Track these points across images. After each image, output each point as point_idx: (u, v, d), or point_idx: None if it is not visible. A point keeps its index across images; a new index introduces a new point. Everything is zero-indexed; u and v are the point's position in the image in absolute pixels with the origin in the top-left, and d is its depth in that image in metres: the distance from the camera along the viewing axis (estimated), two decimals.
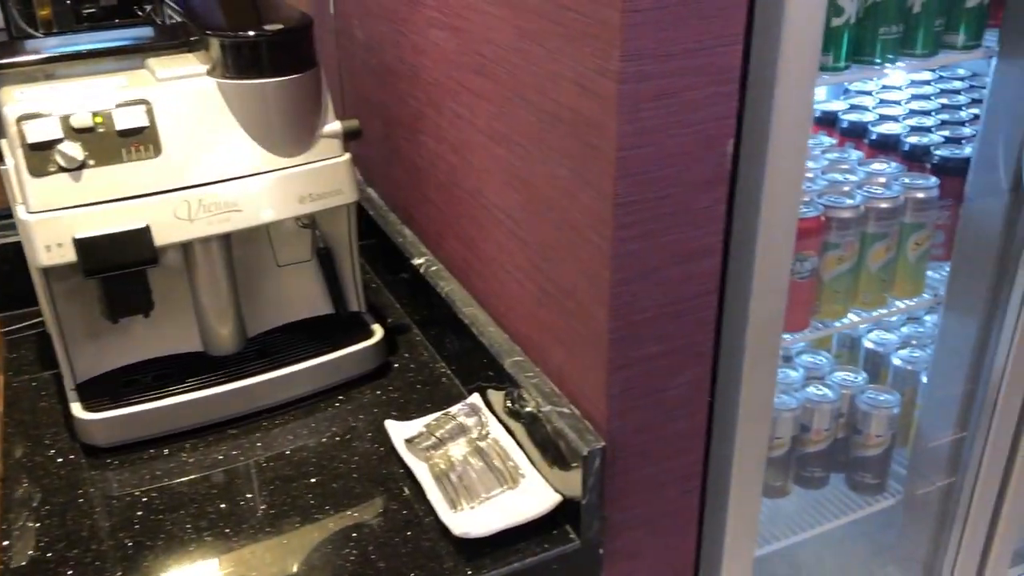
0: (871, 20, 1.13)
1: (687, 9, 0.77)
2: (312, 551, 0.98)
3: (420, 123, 1.26)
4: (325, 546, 0.99)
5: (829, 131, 1.61)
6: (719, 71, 0.82)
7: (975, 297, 1.30)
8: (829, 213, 1.26)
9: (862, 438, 1.51)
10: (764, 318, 1.04)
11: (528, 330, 1.08)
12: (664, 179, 0.84)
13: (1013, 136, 1.20)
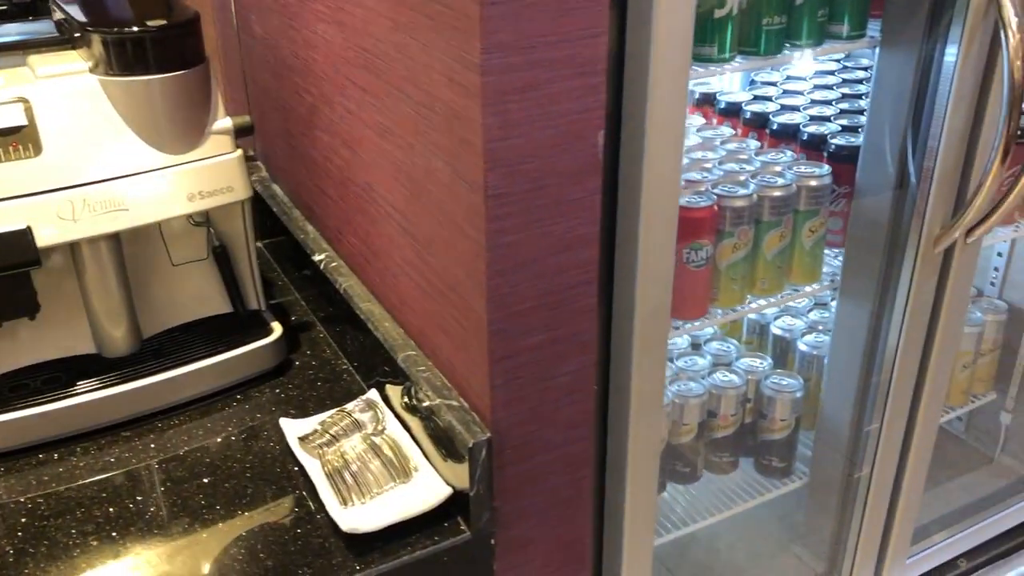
0: (754, 11, 1.14)
1: (548, 2, 0.78)
2: (199, 551, 0.97)
3: (315, 118, 1.25)
4: (213, 546, 0.98)
5: (734, 122, 1.64)
6: (585, 63, 0.83)
7: (868, 283, 1.34)
8: (723, 203, 1.28)
9: (767, 422, 1.53)
10: (651, 307, 1.05)
11: (420, 324, 1.08)
12: (536, 170, 0.85)
13: (897, 125, 1.23)
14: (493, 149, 0.81)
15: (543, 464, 1.01)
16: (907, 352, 1.32)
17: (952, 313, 1.32)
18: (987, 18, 1.11)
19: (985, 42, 1.12)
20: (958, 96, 1.15)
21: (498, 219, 0.85)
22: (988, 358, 1.72)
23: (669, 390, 1.49)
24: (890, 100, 1.23)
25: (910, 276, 1.26)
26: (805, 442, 1.59)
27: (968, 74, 1.14)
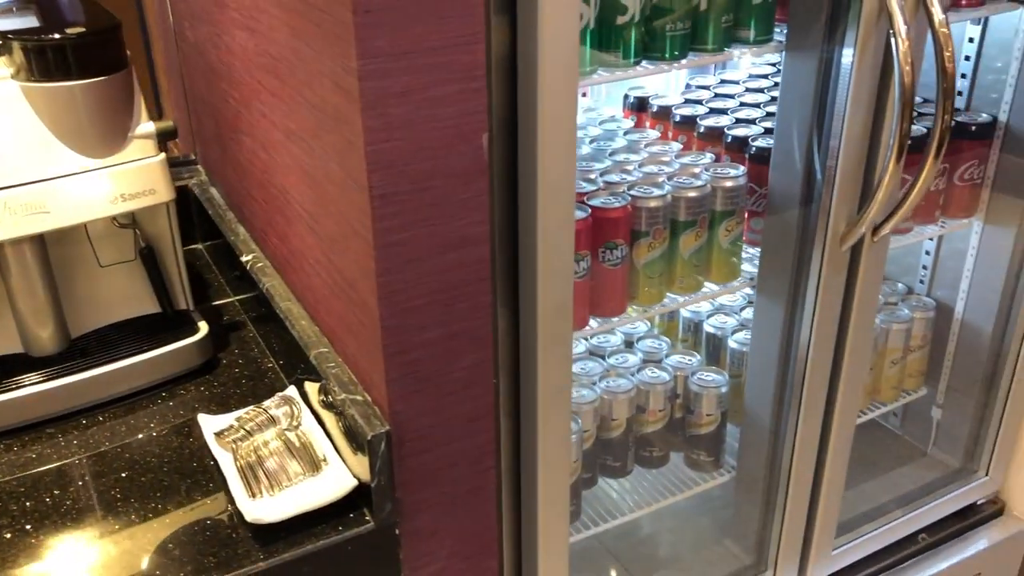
0: (658, 17, 1.18)
1: (422, 10, 0.81)
2: (110, 542, 1.00)
3: (239, 122, 1.28)
4: (124, 537, 1.01)
5: (666, 125, 1.68)
6: (464, 68, 0.86)
7: (781, 280, 1.37)
8: (637, 203, 1.32)
9: (695, 417, 1.57)
10: (553, 303, 1.09)
11: (331, 322, 1.11)
12: (422, 172, 0.88)
13: (803, 126, 1.27)
14: (375, 151, 0.85)
15: (445, 456, 1.05)
16: (819, 348, 1.36)
17: (863, 310, 1.36)
18: (879, 25, 1.15)
19: (880, 47, 1.16)
20: (856, 98, 1.18)
21: (385, 218, 0.88)
22: (918, 354, 1.76)
23: (598, 386, 1.52)
24: (796, 102, 1.27)
25: (818, 273, 1.30)
26: (734, 436, 1.63)
27: (864, 77, 1.17)
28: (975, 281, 1.67)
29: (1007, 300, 1.63)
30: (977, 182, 1.59)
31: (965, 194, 1.59)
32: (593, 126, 1.64)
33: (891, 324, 1.70)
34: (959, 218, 1.61)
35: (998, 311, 1.64)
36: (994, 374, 1.68)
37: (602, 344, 1.65)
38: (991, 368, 1.69)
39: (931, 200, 1.57)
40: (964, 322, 1.71)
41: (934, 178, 1.31)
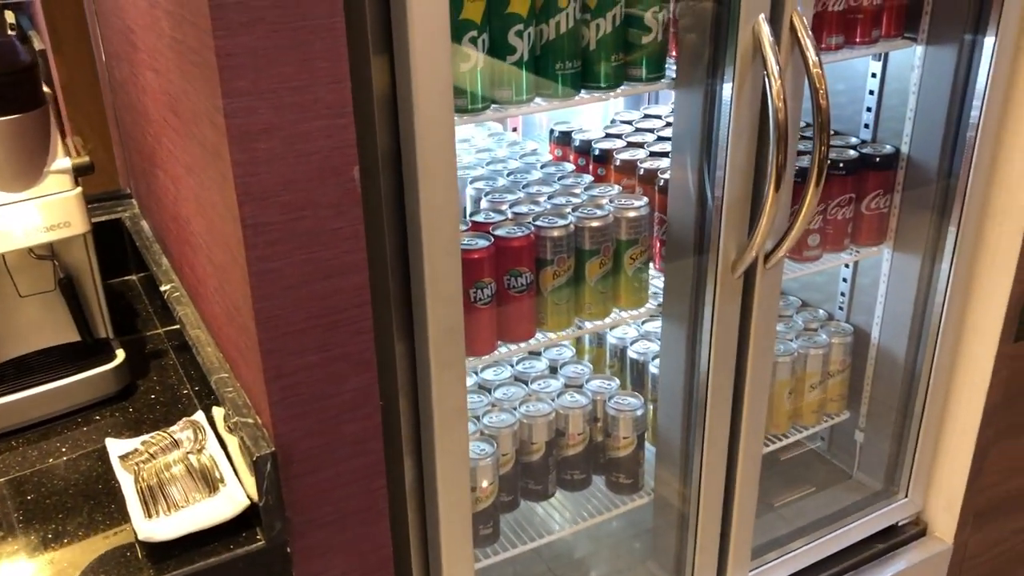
0: (549, 57, 1.24)
1: (285, 53, 0.87)
2: (7, 562, 1.04)
3: (155, 156, 1.33)
4: (20, 556, 1.05)
5: (587, 158, 1.73)
6: (331, 106, 0.92)
7: (682, 306, 1.42)
8: (541, 233, 1.37)
9: (613, 440, 1.61)
10: (444, 327, 1.14)
11: (228, 348, 1.16)
12: (294, 203, 0.93)
13: (694, 158, 1.33)
14: (244, 184, 0.90)
15: (334, 476, 1.09)
16: (718, 372, 1.40)
17: (761, 336, 1.40)
18: (755, 63, 1.21)
19: (758, 84, 1.22)
20: (737, 132, 1.24)
21: (257, 247, 0.93)
22: (838, 379, 1.80)
23: (518, 411, 1.57)
24: (686, 135, 1.33)
25: (712, 300, 1.35)
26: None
27: (743, 112, 1.23)
28: (888, 307, 1.72)
29: (917, 325, 1.68)
30: (884, 211, 1.64)
31: (874, 222, 1.65)
32: (514, 159, 1.70)
33: (809, 349, 1.75)
34: (869, 245, 1.67)
35: (910, 336, 1.69)
36: (909, 397, 1.73)
37: (527, 370, 1.69)
38: (906, 392, 1.73)
39: (840, 228, 1.63)
40: (880, 347, 1.76)
41: (816, 207, 1.36)
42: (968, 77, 1.48)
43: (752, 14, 1.18)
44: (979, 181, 1.53)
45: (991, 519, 1.86)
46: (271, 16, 0.85)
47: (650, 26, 1.28)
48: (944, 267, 1.60)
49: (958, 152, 1.53)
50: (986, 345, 1.64)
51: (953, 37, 1.48)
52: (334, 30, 0.89)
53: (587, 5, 1.25)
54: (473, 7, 1.14)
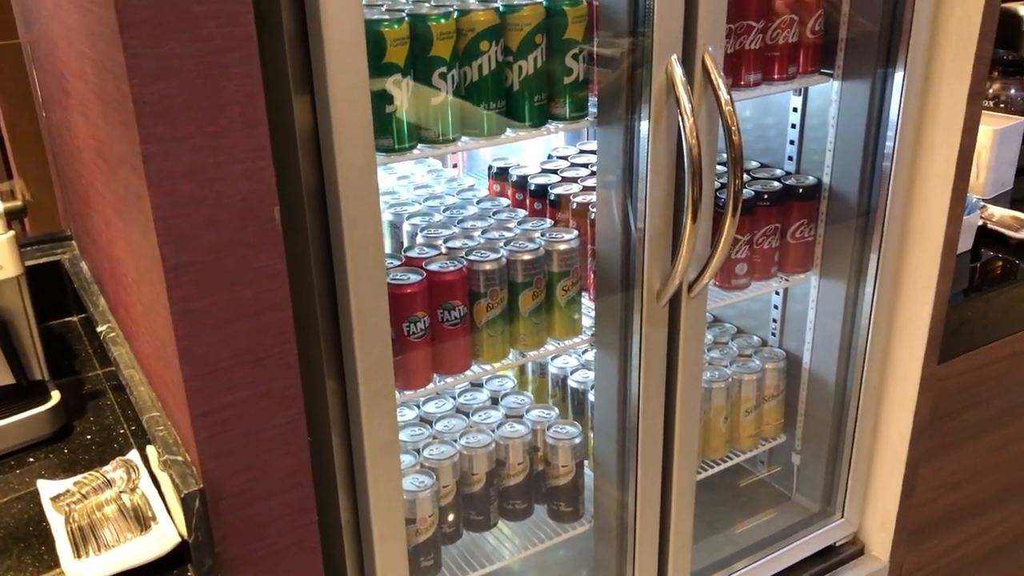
0: (472, 98, 1.28)
1: (202, 99, 0.90)
2: None
3: (89, 199, 1.35)
4: None
5: (524, 193, 1.77)
6: (249, 149, 0.95)
7: (613, 335, 1.46)
8: (473, 266, 1.41)
9: (552, 469, 1.64)
10: (372, 361, 1.16)
11: (159, 386, 1.17)
12: (215, 244, 0.96)
13: (617, 191, 1.37)
14: (165, 226, 0.92)
15: (264, 512, 1.10)
16: (648, 399, 1.44)
17: (688, 363, 1.45)
18: (669, 102, 1.26)
19: (673, 122, 1.27)
20: (655, 166, 1.29)
21: (179, 287, 0.95)
22: (773, 403, 1.85)
23: (459, 442, 1.59)
24: (610, 170, 1.37)
25: (639, 328, 1.39)
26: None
27: (660, 148, 1.28)
28: (818, 332, 1.77)
29: (846, 349, 1.73)
30: (809, 239, 1.70)
31: (800, 250, 1.70)
32: (451, 195, 1.74)
33: (743, 375, 1.79)
34: (796, 273, 1.72)
35: (839, 360, 1.74)
36: (842, 420, 1.78)
37: (469, 402, 1.72)
38: (839, 414, 1.78)
39: (767, 257, 1.68)
40: (812, 371, 1.81)
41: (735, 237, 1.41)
42: (882, 109, 1.55)
43: (664, 55, 1.24)
44: (897, 208, 1.59)
45: (926, 536, 1.91)
46: (187, 65, 0.88)
47: (571, 67, 1.33)
48: (868, 292, 1.65)
49: (876, 181, 1.59)
50: (911, 367, 1.69)
51: (866, 72, 1.55)
52: (250, 76, 0.92)
53: (509, 48, 1.29)
54: (396, 51, 1.18)
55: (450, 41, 1.23)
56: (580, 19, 1.32)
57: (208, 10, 0.87)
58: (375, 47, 1.16)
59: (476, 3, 1.30)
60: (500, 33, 1.27)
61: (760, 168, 1.76)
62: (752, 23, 1.47)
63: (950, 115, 1.51)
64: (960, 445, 1.87)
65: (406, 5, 1.30)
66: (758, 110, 1.81)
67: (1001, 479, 2.01)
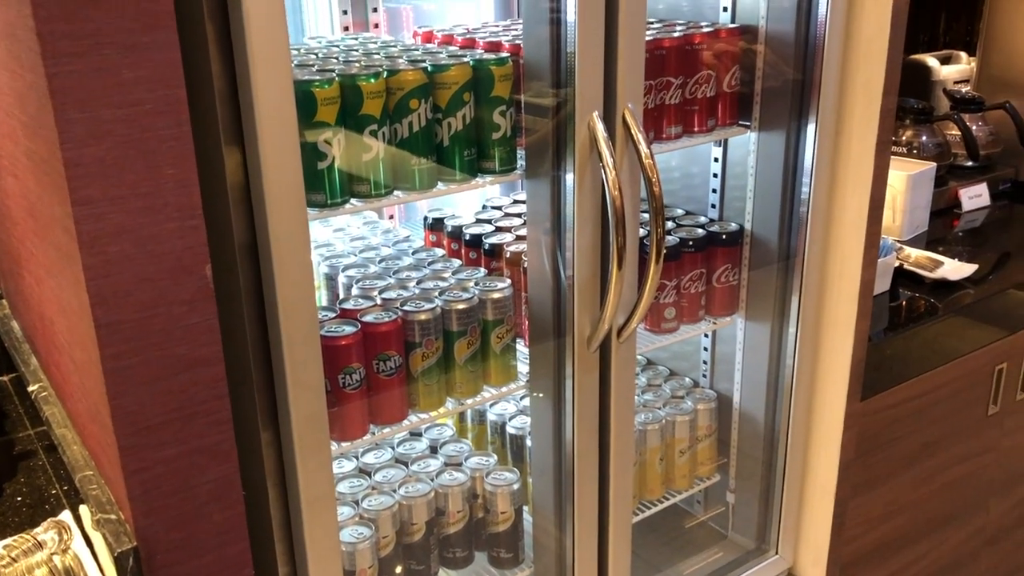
0: (404, 153, 1.32)
1: (133, 160, 0.92)
2: None
3: (21, 258, 1.35)
4: None
5: (459, 243, 1.81)
6: (180, 209, 0.97)
7: (547, 380, 1.49)
8: (408, 317, 1.43)
9: (492, 516, 1.65)
10: (305, 414, 1.18)
11: (92, 445, 1.17)
12: (145, 302, 0.97)
13: (546, 241, 1.42)
14: (96, 286, 0.94)
15: (199, 568, 1.10)
16: (582, 442, 1.47)
17: (621, 406, 1.48)
18: (593, 156, 1.31)
19: (596, 174, 1.33)
20: (581, 217, 1.34)
21: (111, 345, 0.96)
22: (706, 443, 1.90)
23: (398, 492, 1.60)
24: (539, 220, 1.42)
25: (572, 373, 1.43)
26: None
27: (586, 199, 1.33)
28: (745, 373, 1.83)
29: (773, 389, 1.79)
30: (734, 283, 1.77)
31: (725, 294, 1.77)
32: (387, 246, 1.77)
33: (676, 416, 1.84)
34: (723, 316, 1.78)
35: (767, 399, 1.80)
36: (772, 458, 1.83)
37: (408, 451, 1.73)
38: (769, 452, 1.83)
39: (694, 301, 1.74)
40: (742, 411, 1.87)
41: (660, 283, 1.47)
42: (797, 159, 1.63)
43: (587, 111, 1.29)
44: (815, 253, 1.67)
45: (858, 570, 1.96)
46: (118, 129, 0.91)
47: (499, 123, 1.38)
48: (792, 333, 1.72)
49: (795, 227, 1.66)
50: (836, 404, 1.76)
51: (781, 124, 1.63)
52: (181, 138, 0.95)
53: (438, 106, 1.34)
54: (327, 110, 1.22)
55: (380, 100, 1.27)
56: (506, 78, 1.37)
57: (139, 75, 0.90)
58: (306, 106, 1.20)
59: (405, 63, 1.34)
60: (429, 91, 1.32)
61: (686, 216, 1.83)
62: (672, 79, 1.54)
63: (860, 165, 1.60)
64: (886, 479, 1.93)
65: (337, 64, 1.34)
66: (684, 159, 1.88)
67: (927, 510, 2.07)
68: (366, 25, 1.81)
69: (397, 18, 1.92)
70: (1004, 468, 2.19)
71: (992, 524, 2.25)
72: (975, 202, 2.45)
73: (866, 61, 1.54)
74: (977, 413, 2.05)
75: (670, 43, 1.52)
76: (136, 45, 0.89)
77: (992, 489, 2.19)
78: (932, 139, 2.44)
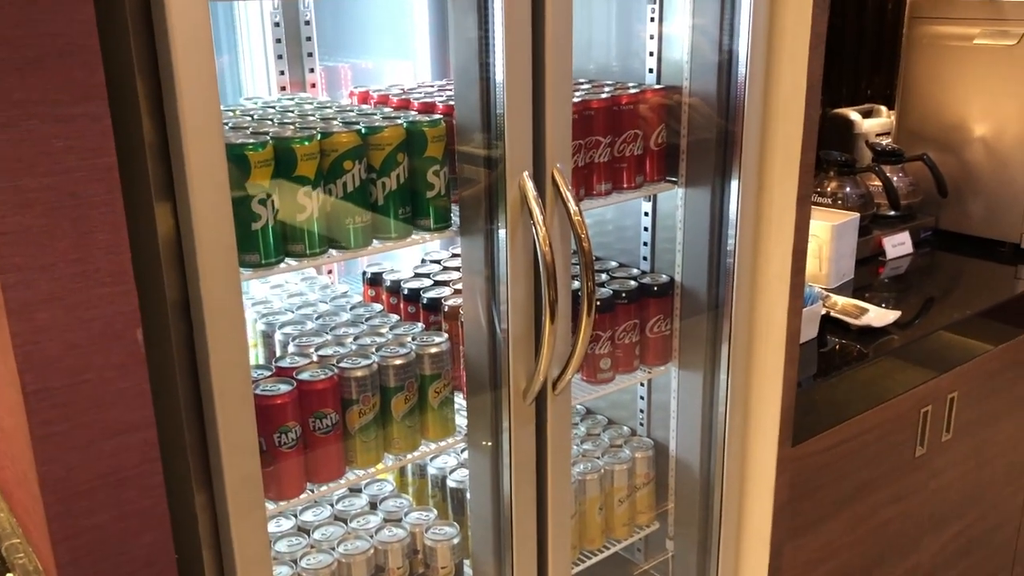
0: (338, 213, 1.35)
1: (61, 229, 0.93)
2: None
3: None
4: None
5: (398, 297, 1.83)
6: (111, 274, 0.98)
7: (484, 434, 1.51)
8: (344, 374, 1.44)
9: (432, 571, 1.65)
10: (240, 475, 1.17)
11: (20, 512, 1.15)
12: (75, 367, 0.98)
13: (481, 294, 1.45)
14: (24, 352, 0.94)
15: None
16: (520, 494, 1.49)
17: (558, 457, 1.51)
18: (524, 213, 1.35)
19: (528, 231, 1.37)
20: (514, 272, 1.37)
21: (40, 412, 0.96)
22: (644, 491, 1.92)
23: (336, 550, 1.59)
24: (473, 274, 1.45)
25: (508, 425, 1.45)
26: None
27: (518, 255, 1.37)
28: (680, 421, 1.87)
29: (707, 436, 1.83)
30: (667, 333, 1.81)
31: (659, 344, 1.81)
32: (325, 302, 1.78)
33: (614, 465, 1.87)
34: (657, 365, 1.82)
35: (702, 446, 1.84)
36: (709, 505, 1.86)
37: (347, 508, 1.72)
38: (705, 499, 1.87)
39: (629, 351, 1.78)
40: (679, 459, 1.90)
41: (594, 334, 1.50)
42: (722, 213, 1.69)
43: (517, 171, 1.33)
44: (742, 303, 1.72)
45: None
46: (48, 197, 0.92)
47: (432, 182, 1.41)
48: (722, 381, 1.76)
49: (722, 277, 1.72)
50: (767, 450, 1.80)
51: (707, 179, 1.70)
52: (111, 204, 0.96)
53: (372, 166, 1.37)
54: (260, 172, 1.24)
55: (314, 161, 1.30)
56: (439, 138, 1.41)
57: (69, 145, 0.91)
58: (240, 168, 1.21)
59: (339, 125, 1.37)
60: (363, 153, 1.35)
61: (619, 268, 1.88)
62: (600, 138, 1.60)
63: (782, 218, 1.66)
64: (820, 523, 1.98)
65: (272, 127, 1.36)
66: (618, 212, 1.94)
67: (862, 551, 2.12)
68: (303, 84, 1.84)
69: (335, 76, 1.95)
70: (934, 507, 2.25)
71: (926, 562, 2.31)
72: (899, 250, 2.55)
73: (784, 120, 1.62)
74: (906, 455, 2.12)
75: (598, 104, 1.58)
76: (66, 116, 0.90)
77: (924, 528, 2.26)
78: (855, 190, 2.54)
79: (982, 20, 2.52)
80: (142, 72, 1.00)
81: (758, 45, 1.56)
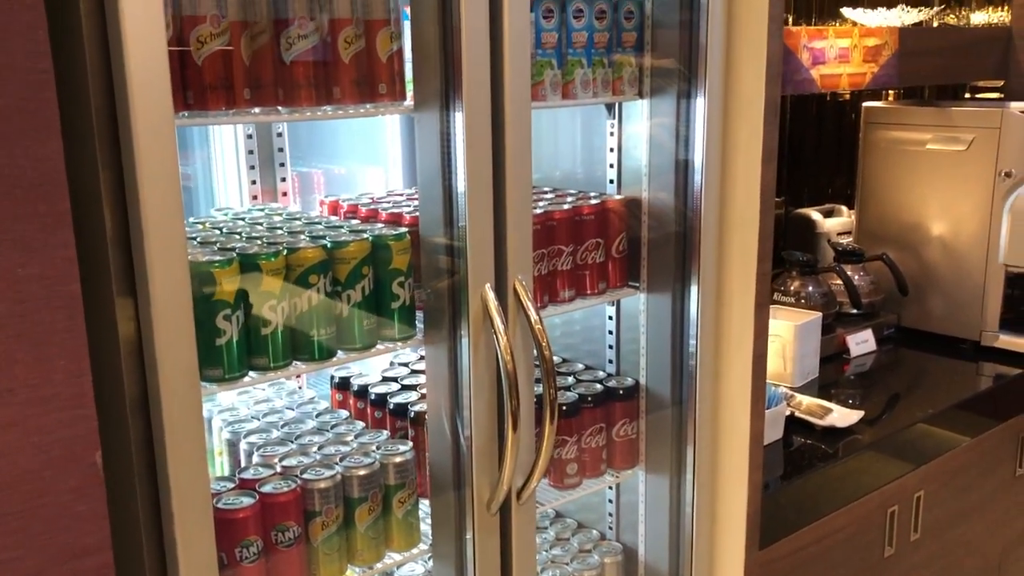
0: (304, 325, 1.37)
1: (22, 355, 0.94)
2: None
3: None
4: None
5: (365, 402, 1.84)
6: (71, 399, 0.98)
7: (449, 546, 1.50)
8: (307, 485, 1.44)
9: None
10: None
11: None
12: (31, 492, 0.97)
13: (445, 405, 1.46)
14: None
15: None
16: None
17: (523, 566, 1.50)
18: (486, 323, 1.38)
19: (491, 340, 1.39)
20: (477, 381, 1.39)
21: None
22: None
23: None
24: (437, 385, 1.47)
25: (472, 536, 1.44)
26: None
27: (481, 363, 1.39)
28: (648, 525, 1.87)
29: (675, 541, 1.82)
30: (633, 436, 1.82)
31: (625, 447, 1.82)
32: (291, 408, 1.78)
33: (583, 572, 1.85)
34: (625, 469, 1.83)
35: (670, 551, 1.83)
36: None
37: None
38: None
39: (596, 455, 1.79)
40: (647, 563, 1.89)
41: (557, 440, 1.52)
42: (684, 317, 1.73)
43: (479, 283, 1.37)
44: (706, 407, 1.74)
45: None
46: (9, 323, 0.93)
47: (397, 294, 1.44)
48: (688, 483, 1.77)
49: (685, 381, 1.74)
50: (735, 555, 1.80)
51: (667, 285, 1.74)
52: (73, 331, 0.97)
53: (338, 279, 1.39)
54: (226, 288, 1.26)
55: (280, 276, 1.32)
56: (404, 251, 1.44)
57: (32, 273, 0.93)
58: (205, 285, 1.24)
59: (306, 239, 1.40)
60: (328, 267, 1.38)
61: (585, 371, 1.90)
62: (563, 247, 1.64)
63: (742, 323, 1.70)
64: None
65: (239, 241, 1.39)
66: (585, 315, 1.97)
67: None
68: (275, 193, 1.88)
69: (308, 181, 2.00)
70: None
71: None
72: (862, 347, 2.60)
73: (741, 230, 1.67)
74: (875, 556, 2.11)
75: (560, 215, 1.63)
76: (30, 245, 0.93)
77: None
78: (818, 289, 2.59)
79: (933, 127, 2.63)
80: (109, 203, 1.04)
81: (712, 158, 1.63)
